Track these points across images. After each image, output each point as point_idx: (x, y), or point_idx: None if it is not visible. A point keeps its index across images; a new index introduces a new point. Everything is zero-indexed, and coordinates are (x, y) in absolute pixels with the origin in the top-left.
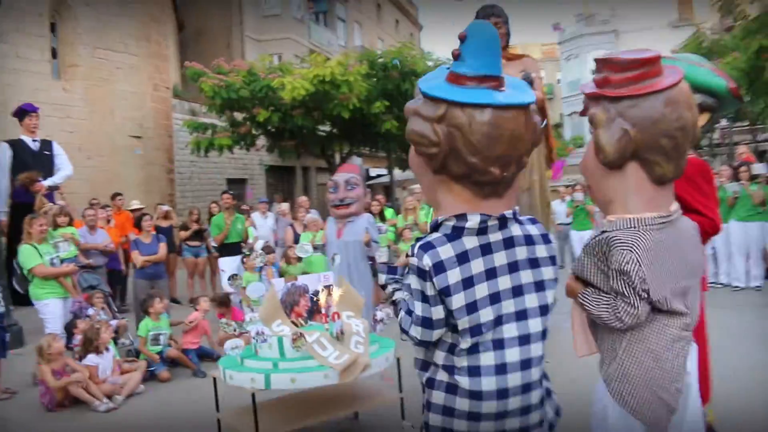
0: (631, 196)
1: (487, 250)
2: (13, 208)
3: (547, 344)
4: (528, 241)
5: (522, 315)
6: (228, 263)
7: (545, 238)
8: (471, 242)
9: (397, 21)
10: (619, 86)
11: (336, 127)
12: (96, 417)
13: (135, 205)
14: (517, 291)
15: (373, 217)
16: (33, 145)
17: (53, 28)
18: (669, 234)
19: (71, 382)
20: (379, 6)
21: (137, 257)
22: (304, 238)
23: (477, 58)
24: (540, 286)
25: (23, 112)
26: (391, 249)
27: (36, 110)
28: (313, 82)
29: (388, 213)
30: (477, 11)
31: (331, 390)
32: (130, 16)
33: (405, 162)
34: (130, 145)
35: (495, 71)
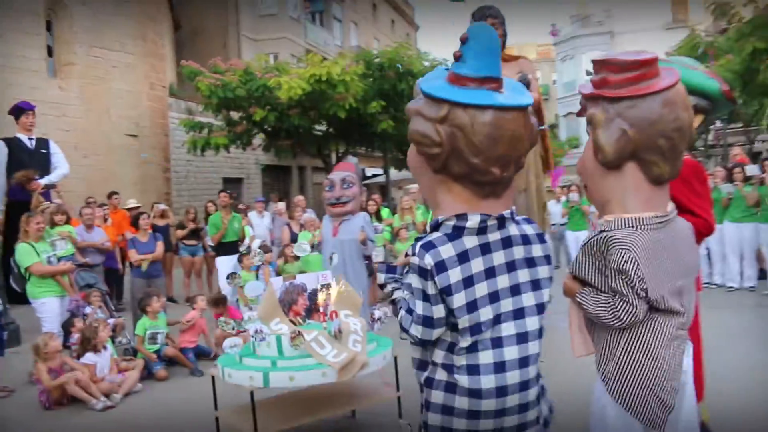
0: (629, 195)
1: (486, 249)
2: (10, 206)
3: (543, 343)
4: (525, 240)
5: (519, 313)
6: (225, 262)
7: (540, 238)
8: (471, 242)
9: (393, 21)
10: (618, 87)
11: (332, 126)
12: (94, 415)
13: (132, 203)
14: (515, 290)
15: (369, 216)
16: (29, 144)
17: (49, 26)
18: (666, 234)
19: (67, 380)
20: (375, 6)
21: (134, 256)
22: (303, 238)
23: (478, 59)
24: (536, 285)
25: (20, 110)
26: (386, 248)
27: (32, 108)
28: (309, 81)
29: (385, 213)
30: (473, 12)
31: (329, 388)
32: (127, 14)
33: (401, 162)
34: (126, 143)
35: (495, 73)
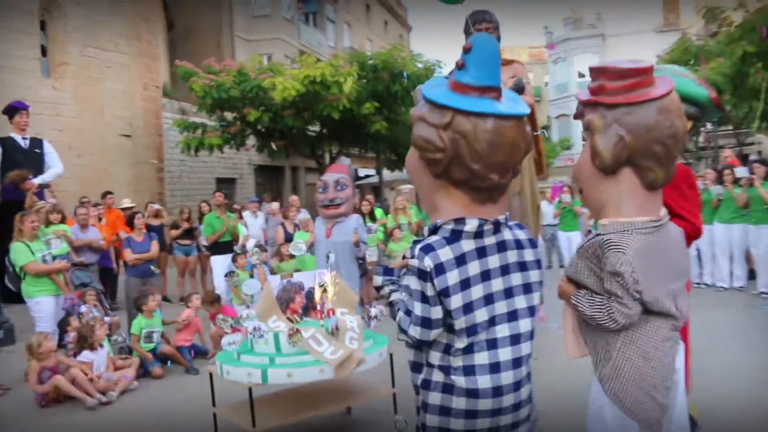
0: (625, 200)
1: (482, 253)
2: (3, 205)
3: (537, 344)
4: (518, 245)
5: (513, 316)
6: (219, 262)
7: (532, 243)
8: (468, 245)
9: (386, 22)
10: (615, 94)
11: (326, 127)
12: (90, 413)
13: (126, 203)
14: (508, 293)
15: (362, 218)
16: (23, 143)
17: (43, 26)
18: (659, 238)
19: (54, 384)
20: (368, 7)
21: (130, 255)
22: (300, 237)
23: (480, 69)
24: (528, 289)
25: (13, 110)
26: (380, 249)
27: (26, 108)
28: (303, 82)
29: (378, 213)
30: (468, 16)
31: (325, 385)
32: (120, 14)
33: (394, 163)
34: (120, 143)
35: (496, 83)
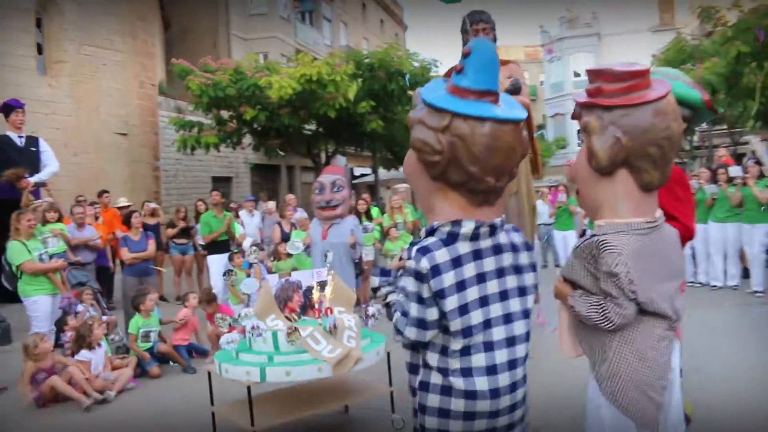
0: (621, 201)
1: (478, 255)
2: None
3: (533, 342)
4: (513, 248)
5: (508, 318)
6: (216, 261)
7: (527, 246)
8: (464, 247)
9: (382, 21)
10: (612, 96)
11: (322, 126)
12: (88, 413)
13: (122, 202)
14: (503, 295)
15: (357, 220)
16: (19, 142)
17: (39, 23)
18: (654, 239)
19: (50, 385)
20: (364, 6)
21: (127, 254)
22: (297, 236)
23: (479, 73)
24: (522, 291)
25: (9, 108)
26: (376, 248)
27: (22, 106)
28: (300, 81)
29: (374, 212)
30: (464, 16)
31: (322, 384)
32: (117, 13)
33: (390, 162)
34: (116, 142)
35: (494, 87)
